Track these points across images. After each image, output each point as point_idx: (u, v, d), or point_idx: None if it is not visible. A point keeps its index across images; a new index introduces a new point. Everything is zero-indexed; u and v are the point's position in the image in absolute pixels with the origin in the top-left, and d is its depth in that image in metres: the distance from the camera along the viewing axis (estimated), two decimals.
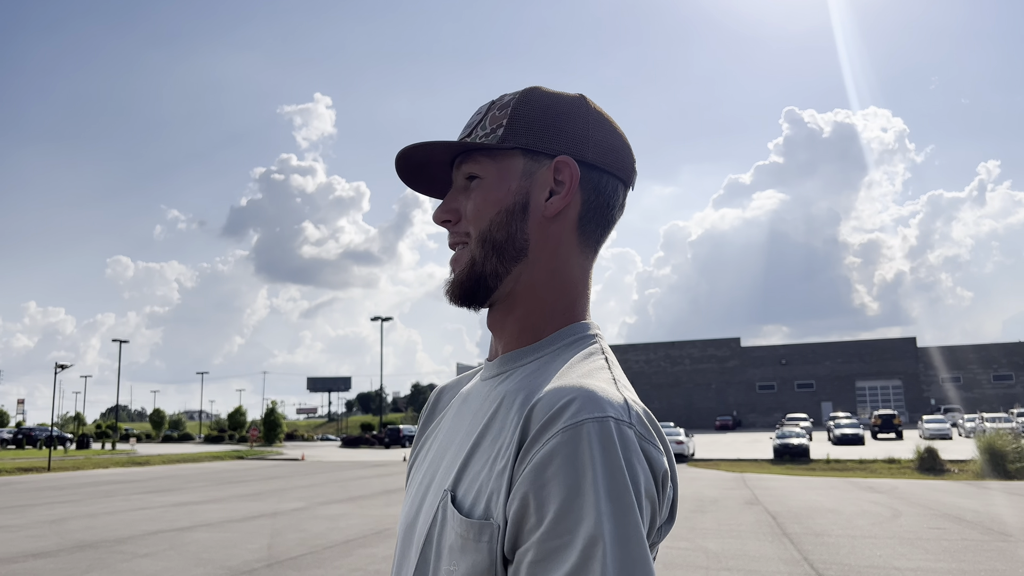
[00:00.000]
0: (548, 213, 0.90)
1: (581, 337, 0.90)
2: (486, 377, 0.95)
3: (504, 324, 0.93)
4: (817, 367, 77.81)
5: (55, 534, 11.85)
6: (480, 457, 0.83)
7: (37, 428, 61.85)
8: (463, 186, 0.95)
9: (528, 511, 0.72)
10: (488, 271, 0.91)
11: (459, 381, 1.10)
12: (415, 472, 1.01)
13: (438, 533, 0.82)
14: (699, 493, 17.20)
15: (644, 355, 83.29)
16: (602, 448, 0.71)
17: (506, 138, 0.91)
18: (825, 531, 11.32)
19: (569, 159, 0.90)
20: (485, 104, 0.97)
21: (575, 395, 0.76)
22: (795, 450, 28.41)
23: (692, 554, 9.40)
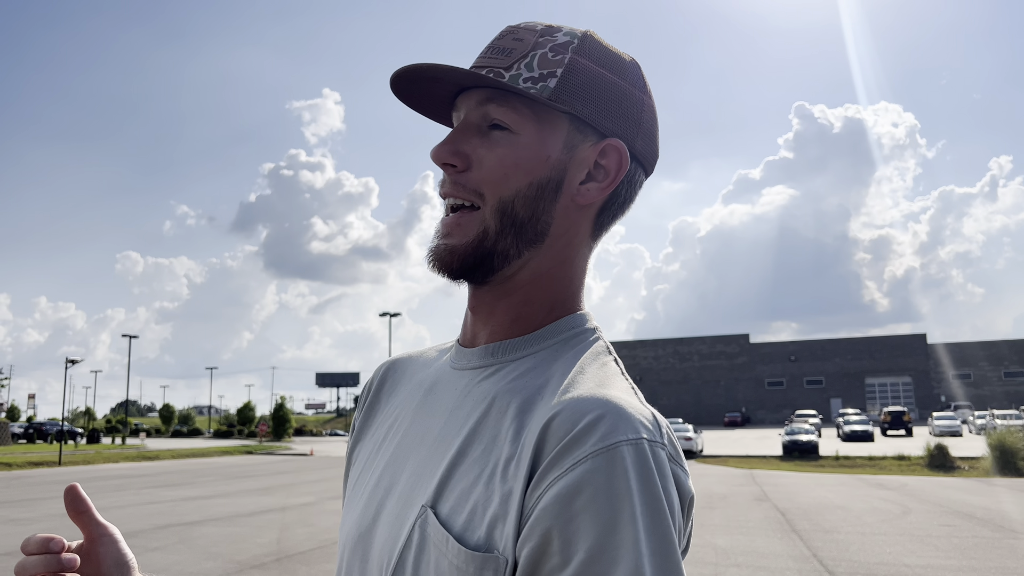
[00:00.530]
0: (581, 200, 0.77)
1: (580, 331, 0.79)
2: (461, 366, 0.80)
3: (495, 309, 0.79)
4: (826, 364, 77.58)
5: (66, 527, 11.90)
6: (469, 469, 0.69)
7: (48, 423, 62.24)
8: (478, 127, 0.77)
9: (551, 549, 0.60)
10: (499, 249, 0.75)
11: (415, 360, 0.92)
12: (364, 468, 0.84)
13: (415, 557, 0.68)
14: (708, 489, 17.17)
15: (653, 351, 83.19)
16: (639, 476, 0.61)
17: (559, 94, 0.74)
18: (835, 528, 11.29)
19: (623, 147, 0.76)
20: (527, 28, 0.78)
21: (603, 410, 0.64)
22: (804, 447, 28.33)
23: (701, 550, 9.38)
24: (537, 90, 0.73)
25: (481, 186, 0.75)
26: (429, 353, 0.91)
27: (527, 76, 0.74)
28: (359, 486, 0.82)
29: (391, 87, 0.78)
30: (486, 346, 0.78)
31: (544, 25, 0.78)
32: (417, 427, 0.79)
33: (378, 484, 0.78)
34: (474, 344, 0.80)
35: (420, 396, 0.83)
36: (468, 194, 0.76)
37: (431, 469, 0.72)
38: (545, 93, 0.73)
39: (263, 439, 58.46)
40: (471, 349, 0.80)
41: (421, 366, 0.89)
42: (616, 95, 0.77)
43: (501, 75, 0.74)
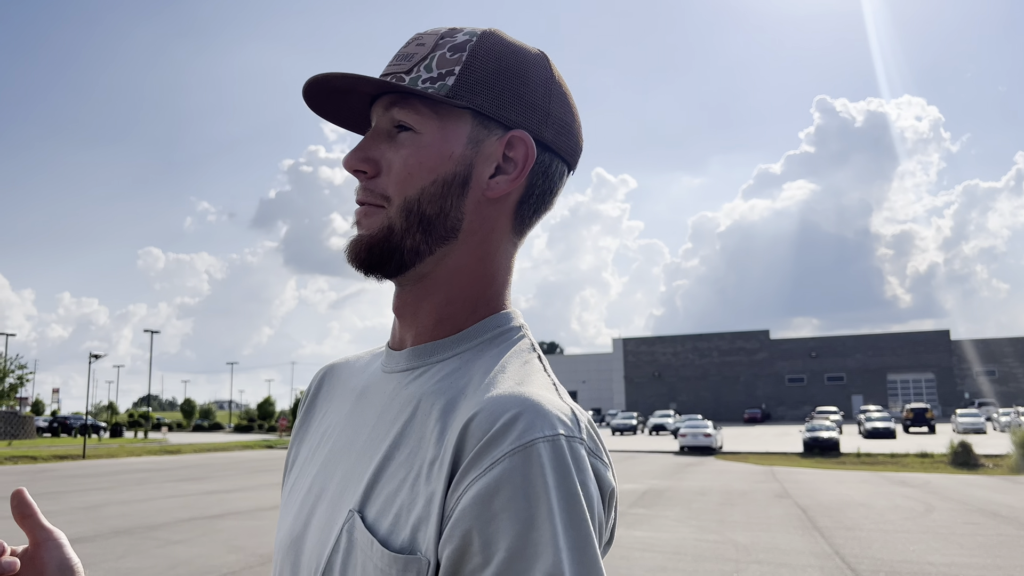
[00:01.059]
0: (490, 194, 0.76)
1: (505, 330, 0.78)
2: (391, 369, 0.80)
3: (418, 310, 0.78)
4: (848, 360, 76.94)
5: (91, 520, 12.06)
6: (395, 473, 0.70)
7: (72, 416, 63.01)
8: (387, 132, 0.77)
9: (471, 550, 0.61)
10: (408, 246, 0.75)
11: (351, 364, 0.92)
12: (300, 473, 0.84)
13: (343, 561, 0.69)
14: (728, 486, 17.10)
15: (671, 347, 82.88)
16: (556, 472, 0.62)
17: (458, 92, 0.74)
18: (856, 525, 11.21)
19: (527, 137, 0.76)
20: (431, 33, 0.79)
21: (520, 408, 0.64)
22: (825, 443, 28.14)
23: (722, 547, 9.35)
24: (435, 89, 0.74)
25: (387, 188, 0.76)
26: (364, 357, 0.91)
27: (426, 77, 0.75)
28: (294, 492, 0.82)
29: (305, 103, 0.79)
30: (412, 348, 0.78)
31: (448, 28, 0.79)
32: (347, 433, 0.79)
33: (310, 490, 0.78)
34: (402, 347, 0.80)
35: (352, 401, 0.83)
36: (376, 198, 0.77)
37: (359, 474, 0.73)
38: (443, 91, 0.74)
39: (283, 434, 58.84)
40: (399, 352, 0.80)
41: (356, 371, 0.89)
42: (518, 87, 0.77)
43: (402, 79, 0.75)
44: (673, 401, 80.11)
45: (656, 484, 17.58)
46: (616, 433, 49.91)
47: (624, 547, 9.25)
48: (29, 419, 48.66)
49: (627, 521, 11.53)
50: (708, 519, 11.81)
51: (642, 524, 11.27)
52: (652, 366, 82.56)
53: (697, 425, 31.69)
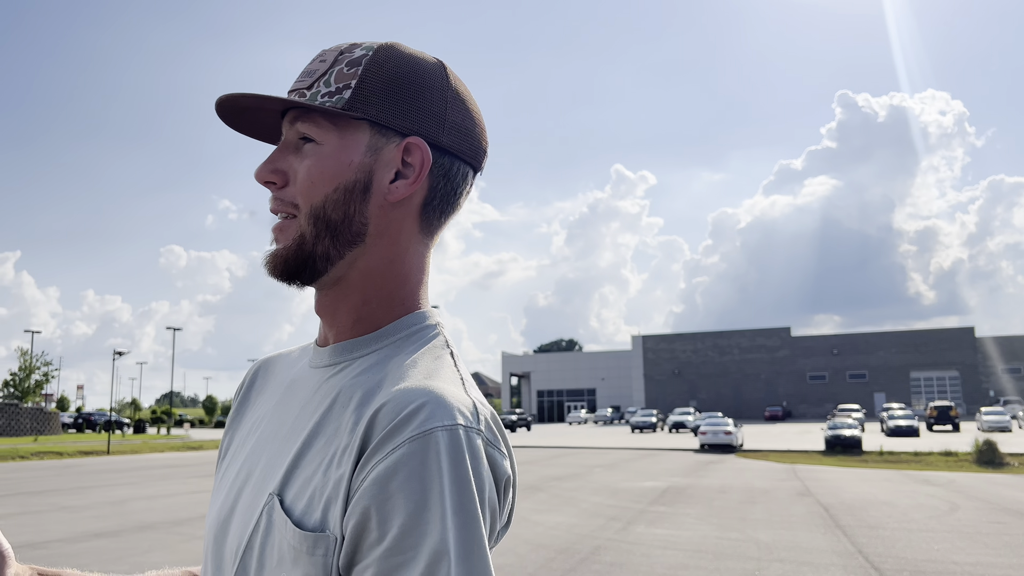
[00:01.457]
0: (392, 198, 0.81)
1: (421, 328, 0.83)
2: (316, 365, 0.85)
3: (336, 312, 0.83)
4: (870, 357, 76.23)
5: (117, 515, 12.21)
6: (312, 459, 0.75)
7: (96, 413, 63.81)
8: (295, 144, 0.83)
9: (369, 526, 0.67)
10: (319, 252, 0.80)
11: (283, 358, 0.97)
12: (231, 460, 0.89)
13: (261, 541, 0.74)
14: (749, 484, 17.02)
15: (691, 345, 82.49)
16: (451, 459, 0.68)
17: (353, 104, 0.80)
18: (880, 524, 11.12)
19: (422, 143, 0.81)
20: (332, 49, 0.84)
21: (424, 399, 0.71)
22: (847, 441, 27.93)
23: (743, 545, 9.32)
24: (333, 103, 0.80)
25: (296, 197, 0.81)
26: (295, 352, 0.97)
27: (324, 92, 0.80)
28: (224, 478, 0.88)
29: (220, 118, 0.85)
30: (334, 346, 0.84)
31: (349, 44, 0.84)
32: (274, 422, 0.85)
33: (237, 476, 0.84)
34: (326, 344, 0.86)
35: (280, 393, 0.89)
36: (287, 207, 0.82)
37: (280, 460, 0.79)
38: (340, 104, 0.80)
39: None
40: (323, 348, 0.85)
41: (287, 365, 0.95)
42: (415, 95, 0.81)
43: (304, 95, 0.81)
44: (693, 399, 79.74)
45: (676, 482, 17.53)
46: (636, 431, 49.75)
47: (645, 544, 9.24)
48: (55, 415, 49.29)
49: (648, 519, 11.52)
50: (729, 517, 11.76)
51: (663, 522, 11.24)
52: (672, 363, 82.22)
53: (717, 423, 31.53)
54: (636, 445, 34.02)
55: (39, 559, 8.40)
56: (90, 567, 1.14)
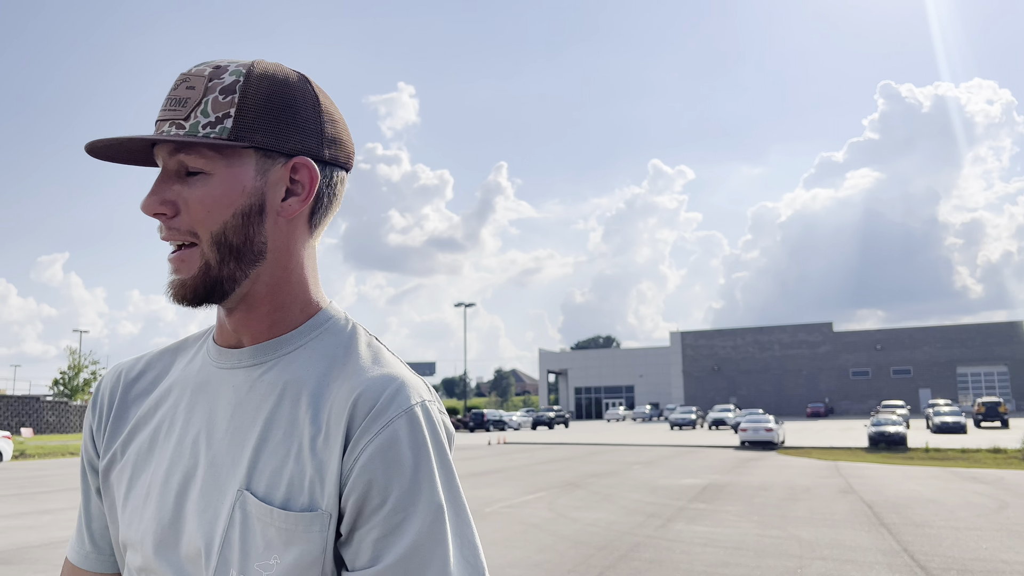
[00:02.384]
0: (285, 215, 0.87)
1: (336, 321, 0.91)
2: (233, 365, 0.89)
3: (249, 321, 0.88)
4: (915, 352, 74.73)
5: None
6: (274, 452, 0.82)
7: None
8: (177, 172, 0.84)
9: (371, 495, 0.78)
10: (226, 275, 0.85)
11: (150, 366, 0.99)
12: (138, 468, 0.91)
13: (240, 533, 0.80)
14: (791, 481, 16.81)
15: (731, 341, 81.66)
16: (429, 429, 0.82)
17: (238, 133, 0.82)
18: (926, 522, 10.91)
19: (309, 161, 0.86)
20: (197, 75, 0.84)
21: (395, 384, 0.83)
22: (892, 438, 27.43)
23: (785, 542, 9.21)
24: (216, 133, 0.82)
25: (193, 226, 0.84)
26: (161, 357, 0.99)
27: (204, 122, 0.82)
28: (136, 489, 0.89)
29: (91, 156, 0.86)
30: (256, 346, 0.88)
31: (212, 68, 0.84)
32: (196, 425, 0.88)
33: (167, 481, 0.87)
34: (239, 345, 0.90)
35: (188, 397, 0.91)
36: (184, 235, 0.84)
37: (232, 458, 0.84)
38: (224, 135, 0.82)
39: None
40: (239, 350, 0.89)
41: (163, 371, 0.97)
42: (290, 116, 0.85)
43: (182, 126, 0.82)
44: (733, 395, 78.94)
45: (717, 479, 17.38)
46: (675, 428, 49.39)
47: (685, 542, 9.18)
48: None
49: (688, 516, 11.44)
50: (770, 514, 11.63)
51: (703, 519, 11.16)
52: (711, 360, 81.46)
53: (758, 419, 31.17)
54: (675, 442, 33.79)
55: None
56: None
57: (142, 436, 0.93)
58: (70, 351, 51.16)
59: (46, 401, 44.90)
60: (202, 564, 0.82)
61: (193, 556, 0.83)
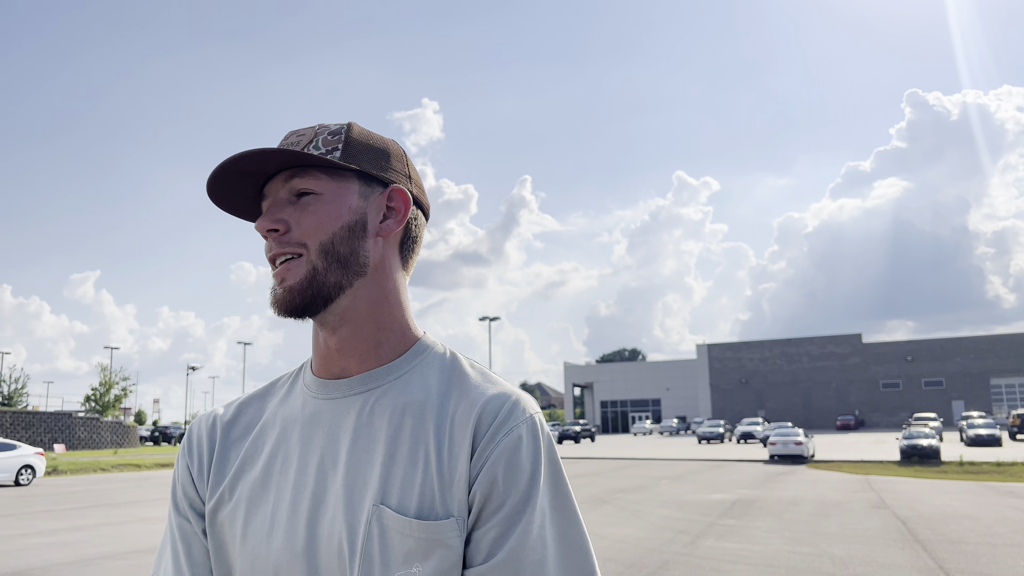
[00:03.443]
0: (383, 234, 0.98)
1: (435, 348, 1.01)
2: (337, 395, 0.96)
3: (355, 341, 0.96)
4: (947, 364, 73.56)
5: None
6: (403, 467, 0.89)
7: (172, 426, 65.70)
8: (288, 199, 0.96)
9: (492, 496, 0.87)
10: (331, 282, 0.94)
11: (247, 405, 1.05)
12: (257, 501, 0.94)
13: (379, 547, 0.85)
14: (821, 496, 16.58)
15: (759, 353, 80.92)
16: (544, 437, 0.92)
17: (345, 159, 0.96)
18: (961, 538, 10.71)
19: (403, 189, 1.00)
20: (306, 128, 0.99)
21: (512, 398, 0.92)
22: (924, 451, 26.97)
23: (816, 559, 9.07)
24: (329, 158, 0.94)
25: (303, 238, 0.94)
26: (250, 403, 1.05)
27: (316, 153, 0.95)
28: (255, 525, 0.93)
29: (208, 188, 0.95)
30: (367, 373, 0.96)
31: (318, 124, 1.00)
32: (316, 454, 0.94)
33: (295, 510, 0.91)
34: (345, 375, 0.97)
35: (299, 430, 0.97)
36: (293, 248, 0.94)
37: (363, 477, 0.90)
38: (335, 159, 0.95)
39: None
40: (348, 379, 0.96)
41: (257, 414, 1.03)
42: (385, 157, 1.00)
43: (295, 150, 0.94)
44: (761, 408, 78.12)
45: (746, 494, 17.19)
46: (703, 441, 48.93)
47: (715, 559, 9.07)
48: (132, 428, 50.97)
49: (717, 532, 11.31)
50: (801, 530, 11.48)
51: (733, 535, 11.03)
52: (739, 372, 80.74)
53: (787, 433, 30.82)
54: (703, 456, 33.49)
55: (120, 570, 8.68)
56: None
57: (251, 475, 0.97)
58: (101, 367, 51.85)
59: (78, 417, 45.46)
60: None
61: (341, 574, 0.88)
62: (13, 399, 47.81)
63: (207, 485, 0.99)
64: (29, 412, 42.04)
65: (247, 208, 1.02)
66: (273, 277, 0.96)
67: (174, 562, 0.98)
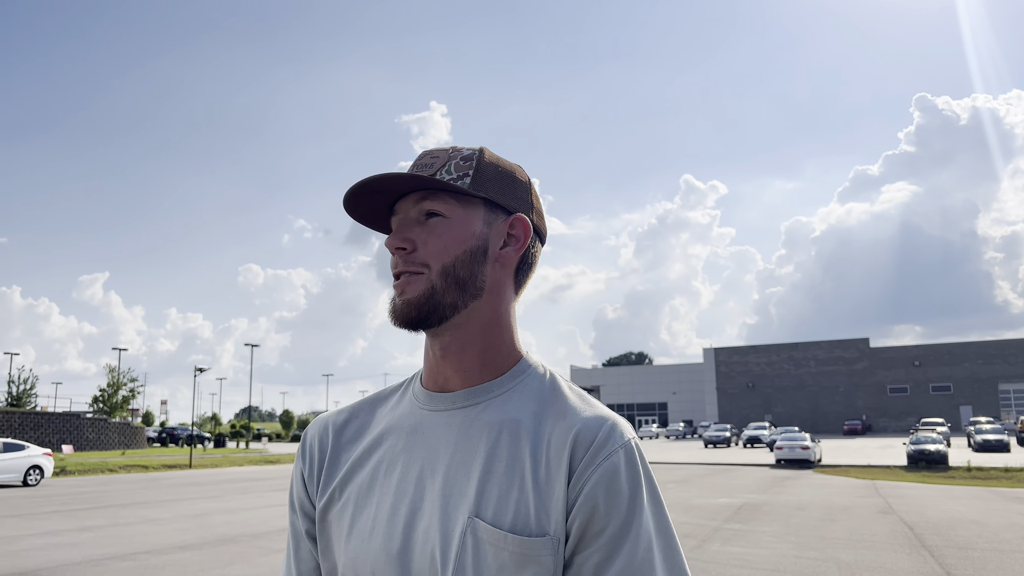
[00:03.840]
0: (503, 261, 1.03)
1: (536, 368, 1.04)
2: (441, 408, 1.01)
3: (463, 357, 1.01)
4: (955, 368, 73.29)
5: (199, 528, 12.58)
6: (499, 482, 0.92)
7: (179, 427, 65.90)
8: (418, 220, 1.01)
9: (593, 521, 0.88)
10: (448, 302, 0.98)
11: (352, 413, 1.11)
12: (362, 504, 1.00)
13: (473, 558, 0.89)
14: (828, 501, 16.54)
15: (766, 357, 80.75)
16: (641, 461, 0.93)
17: (475, 187, 1.00)
18: (969, 544, 10.67)
19: (525, 219, 1.04)
20: (439, 150, 1.04)
21: (609, 422, 0.94)
22: (932, 456, 26.90)
23: (823, 565, 9.06)
24: (458, 185, 0.99)
25: (427, 259, 0.99)
26: (362, 408, 1.12)
27: (448, 178, 1.00)
28: (360, 525, 0.99)
29: (345, 201, 1.02)
30: (470, 389, 1.00)
31: (451, 147, 1.05)
32: (417, 463, 0.99)
33: (394, 514, 0.96)
34: (447, 388, 1.02)
35: (404, 439, 1.02)
36: (416, 267, 0.99)
37: (460, 489, 0.93)
38: (464, 186, 1.00)
39: None
40: (452, 393, 1.01)
41: (367, 419, 1.09)
42: (512, 185, 1.05)
43: (428, 176, 1.00)
44: (768, 412, 77.94)
45: (752, 498, 17.15)
46: (709, 445, 48.83)
47: (720, 563, 9.06)
48: (140, 430, 51.10)
49: (723, 536, 11.30)
50: (808, 535, 11.45)
51: (738, 540, 11.02)
52: (745, 376, 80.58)
53: (794, 437, 30.76)
54: (710, 460, 33.42)
55: (127, 571, 8.72)
56: None
57: (360, 477, 1.03)
58: (109, 369, 51.97)
59: (86, 418, 45.59)
60: None
61: None
62: (22, 400, 47.95)
63: (318, 486, 1.06)
64: (38, 413, 42.19)
65: (377, 220, 1.08)
66: (394, 288, 1.01)
67: (287, 558, 1.11)
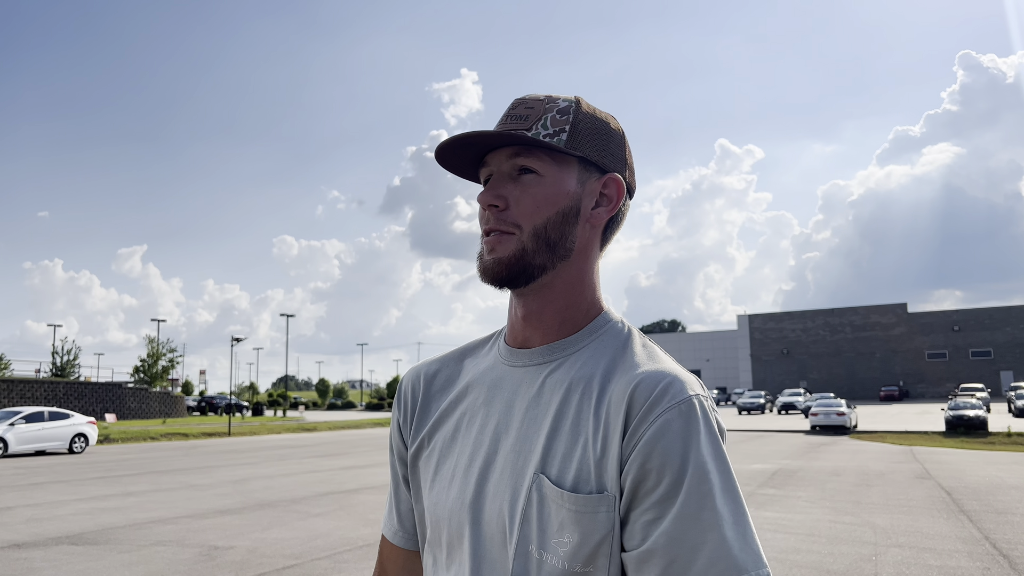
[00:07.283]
0: (594, 221, 1.01)
1: (614, 324, 1.03)
2: (523, 364, 1.02)
3: (543, 315, 1.01)
4: (996, 334, 71.90)
5: (238, 493, 12.85)
6: (564, 440, 0.93)
7: (217, 396, 67.16)
8: (511, 175, 0.99)
9: (645, 478, 0.86)
10: (537, 263, 0.98)
11: (446, 363, 1.14)
12: (444, 453, 1.04)
13: (538, 512, 0.90)
14: (864, 466, 16.41)
15: (801, 323, 79.88)
16: (702, 419, 0.88)
17: (571, 144, 0.98)
18: (1009, 509, 10.54)
19: (619, 179, 1.02)
20: (534, 99, 1.01)
21: (670, 378, 0.90)
22: (971, 422, 26.52)
23: (858, 529, 9.00)
24: (554, 142, 0.97)
25: (519, 219, 0.98)
26: (451, 359, 1.14)
27: (544, 133, 0.97)
28: (442, 473, 1.03)
29: (437, 155, 1.00)
30: (547, 346, 1.01)
31: (545, 96, 1.02)
32: (495, 418, 1.01)
33: (470, 465, 0.99)
34: (527, 345, 1.02)
35: (485, 393, 1.04)
36: (508, 226, 0.98)
37: (529, 446, 0.95)
38: (561, 144, 0.97)
39: None
40: (531, 349, 1.02)
41: (456, 371, 1.12)
42: (607, 141, 1.02)
43: (525, 134, 0.97)
44: (803, 379, 77.29)
45: (787, 464, 17.08)
46: (743, 412, 48.69)
47: (755, 528, 9.04)
48: (180, 399, 52.19)
49: (758, 501, 11.27)
50: (843, 500, 11.39)
51: (773, 504, 10.99)
52: (780, 343, 79.87)
53: (829, 403, 30.50)
54: (744, 427, 33.30)
55: (169, 534, 8.94)
56: (215, 542, 1.22)
57: (446, 427, 1.06)
58: (149, 340, 53.00)
59: (128, 388, 46.67)
60: (502, 540, 0.93)
61: (494, 532, 0.94)
62: (66, 370, 49.17)
63: (410, 432, 1.11)
64: (81, 383, 43.25)
65: (468, 171, 1.06)
66: (484, 244, 1.00)
67: (388, 498, 1.17)
